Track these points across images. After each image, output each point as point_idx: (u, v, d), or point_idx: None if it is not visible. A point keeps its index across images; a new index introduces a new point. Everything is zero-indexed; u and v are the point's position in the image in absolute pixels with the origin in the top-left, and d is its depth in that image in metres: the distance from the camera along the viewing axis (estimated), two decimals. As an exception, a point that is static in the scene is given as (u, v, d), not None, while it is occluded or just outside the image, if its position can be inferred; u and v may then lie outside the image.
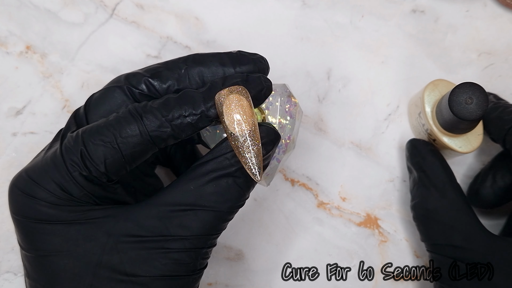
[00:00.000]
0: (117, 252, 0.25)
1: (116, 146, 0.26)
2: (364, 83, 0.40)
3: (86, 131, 0.26)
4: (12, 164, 0.39)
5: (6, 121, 0.40)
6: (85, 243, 0.26)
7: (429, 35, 0.40)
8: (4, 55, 0.40)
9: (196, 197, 0.26)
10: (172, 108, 0.26)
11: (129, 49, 0.40)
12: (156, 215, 0.26)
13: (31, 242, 0.26)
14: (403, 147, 0.39)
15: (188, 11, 0.41)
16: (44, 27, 0.41)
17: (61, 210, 0.26)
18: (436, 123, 0.35)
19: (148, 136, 0.26)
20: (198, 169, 0.27)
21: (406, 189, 0.39)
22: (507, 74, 0.39)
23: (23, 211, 0.26)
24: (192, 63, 0.28)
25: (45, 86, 0.40)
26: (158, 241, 0.26)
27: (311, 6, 0.41)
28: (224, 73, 0.28)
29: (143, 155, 0.27)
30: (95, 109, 0.28)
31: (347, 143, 0.39)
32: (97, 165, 0.26)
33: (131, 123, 0.26)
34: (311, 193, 0.39)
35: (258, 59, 0.28)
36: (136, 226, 0.26)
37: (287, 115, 0.30)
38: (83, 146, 0.25)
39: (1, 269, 0.38)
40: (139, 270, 0.25)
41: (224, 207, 0.26)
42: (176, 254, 0.26)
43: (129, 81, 0.28)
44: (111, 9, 0.41)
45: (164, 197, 0.26)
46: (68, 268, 0.26)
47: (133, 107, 0.26)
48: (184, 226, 0.26)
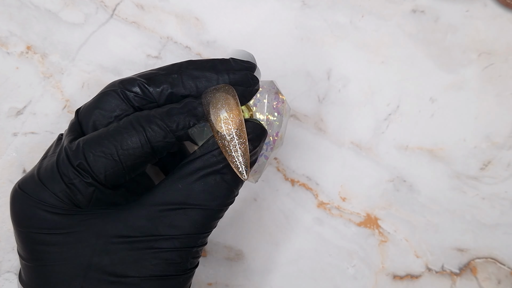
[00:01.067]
0: (107, 254, 0.25)
1: (117, 158, 0.26)
2: (364, 83, 0.40)
3: (87, 141, 0.26)
4: (13, 164, 0.39)
5: (7, 121, 0.40)
6: (75, 245, 0.26)
7: (429, 35, 0.40)
8: (4, 55, 0.40)
9: (185, 196, 0.26)
10: (176, 118, 0.26)
11: (129, 49, 0.40)
12: (146, 215, 0.26)
13: (31, 252, 0.26)
14: (403, 147, 0.39)
15: (188, 11, 0.41)
16: (45, 28, 0.41)
17: (62, 218, 0.26)
18: None
19: (149, 148, 0.26)
20: (186, 167, 0.27)
21: (406, 189, 0.39)
22: (507, 74, 0.39)
23: (24, 217, 0.26)
24: (186, 68, 0.28)
25: (46, 86, 0.40)
26: (148, 241, 0.26)
27: (311, 6, 0.41)
28: (218, 78, 0.28)
29: (144, 165, 0.27)
30: (90, 113, 0.28)
31: (347, 143, 0.39)
32: (97, 176, 0.26)
33: (132, 135, 0.26)
34: (311, 193, 0.39)
35: (251, 67, 0.29)
36: (126, 226, 0.26)
37: (274, 111, 0.30)
38: (84, 158, 0.25)
39: (2, 269, 0.38)
40: (129, 271, 0.25)
41: (213, 205, 0.26)
42: (166, 254, 0.26)
43: (123, 85, 0.28)
44: (111, 10, 0.41)
45: (153, 197, 0.26)
46: (59, 270, 0.26)
47: (135, 118, 0.26)
48: (173, 226, 0.26)
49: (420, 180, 0.39)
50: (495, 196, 0.38)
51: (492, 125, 0.39)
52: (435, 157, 0.39)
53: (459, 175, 0.39)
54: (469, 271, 0.38)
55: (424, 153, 0.39)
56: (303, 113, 0.40)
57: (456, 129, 0.39)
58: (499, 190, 0.38)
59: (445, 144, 0.39)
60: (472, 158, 0.39)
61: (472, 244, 0.38)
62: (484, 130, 0.39)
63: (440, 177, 0.39)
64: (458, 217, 0.39)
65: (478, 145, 0.39)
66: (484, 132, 0.39)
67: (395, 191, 0.39)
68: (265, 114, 0.30)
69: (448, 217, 0.39)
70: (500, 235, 0.38)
